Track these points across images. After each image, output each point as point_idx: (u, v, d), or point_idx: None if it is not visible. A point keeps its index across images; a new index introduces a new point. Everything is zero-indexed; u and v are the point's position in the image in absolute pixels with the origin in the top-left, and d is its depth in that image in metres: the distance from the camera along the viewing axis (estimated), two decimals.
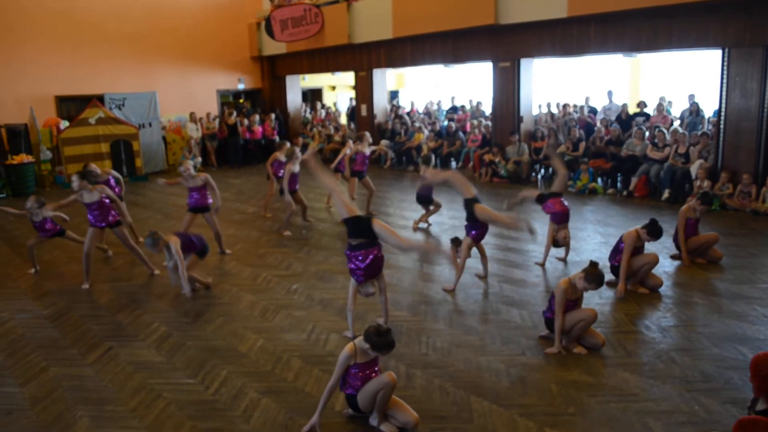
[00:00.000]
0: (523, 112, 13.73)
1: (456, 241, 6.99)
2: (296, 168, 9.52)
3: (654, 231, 6.39)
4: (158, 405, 4.47)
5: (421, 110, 19.29)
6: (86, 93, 16.12)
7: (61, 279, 7.64)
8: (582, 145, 12.72)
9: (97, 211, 7.31)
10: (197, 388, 4.73)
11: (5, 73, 15.18)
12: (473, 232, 6.70)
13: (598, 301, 6.21)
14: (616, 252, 6.71)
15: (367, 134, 10.71)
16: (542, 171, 13.91)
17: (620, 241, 6.64)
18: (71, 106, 16.49)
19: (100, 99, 15.49)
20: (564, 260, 7.64)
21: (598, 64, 18.13)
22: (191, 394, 4.62)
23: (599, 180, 12.20)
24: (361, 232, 5.09)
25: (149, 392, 4.67)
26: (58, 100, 16.31)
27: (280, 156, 10.49)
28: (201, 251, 6.87)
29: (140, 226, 9.85)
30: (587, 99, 15.32)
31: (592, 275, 5.04)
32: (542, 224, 8.00)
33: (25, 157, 14.05)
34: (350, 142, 10.95)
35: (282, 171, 10.31)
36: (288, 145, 10.57)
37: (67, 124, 15.13)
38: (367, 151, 10.47)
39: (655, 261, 6.48)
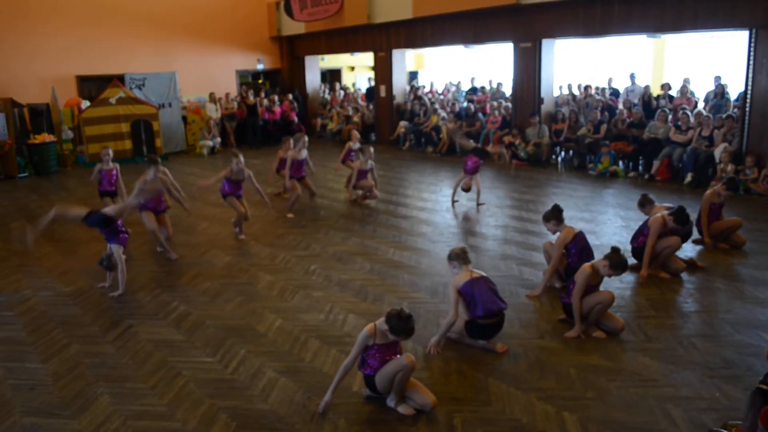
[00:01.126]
0: (543, 93, 13.56)
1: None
2: (302, 155, 9.61)
3: (681, 219, 6.28)
4: (177, 383, 4.51)
5: (440, 91, 19.15)
6: (107, 73, 16.20)
7: (82, 257, 7.71)
8: (603, 128, 12.55)
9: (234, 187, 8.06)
10: (216, 366, 4.76)
11: (27, 54, 15.29)
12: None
13: (618, 285, 6.15)
14: (639, 234, 6.63)
15: (305, 139, 9.94)
16: (563, 153, 13.77)
17: (644, 225, 6.55)
18: (92, 86, 16.59)
19: (121, 79, 15.55)
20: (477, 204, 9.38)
21: (621, 45, 17.83)
22: (210, 373, 4.65)
23: (620, 163, 12.05)
24: None
25: (169, 370, 4.72)
26: (80, 80, 16.43)
27: (353, 145, 10.79)
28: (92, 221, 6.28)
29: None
30: (610, 80, 15.10)
31: (617, 261, 4.99)
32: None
33: (47, 137, 14.18)
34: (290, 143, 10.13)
35: (352, 157, 10.74)
36: (291, 138, 10.32)
37: (88, 103, 15.22)
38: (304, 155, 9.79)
39: (677, 245, 6.39)
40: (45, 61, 15.59)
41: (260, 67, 20.12)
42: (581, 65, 18.72)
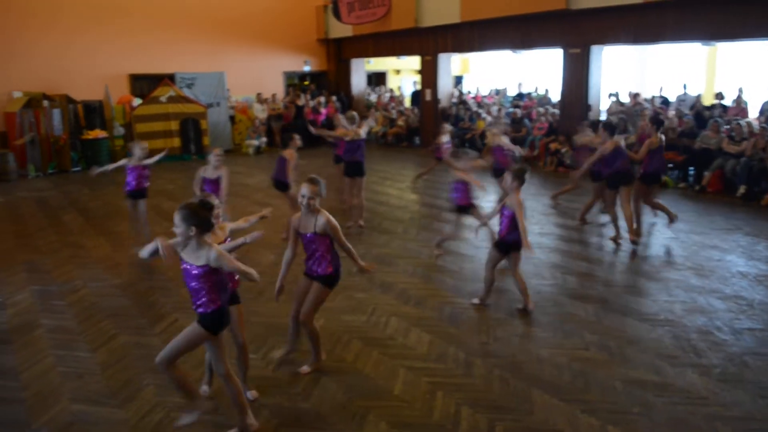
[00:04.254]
0: (591, 100, 13.35)
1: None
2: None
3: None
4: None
5: (485, 95, 19.04)
6: (158, 72, 16.59)
7: (131, 251, 7.88)
8: None
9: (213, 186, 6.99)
10: (258, 363, 4.81)
11: (84, 53, 15.76)
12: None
13: (666, 299, 6.00)
14: None
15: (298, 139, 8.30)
16: None
17: None
18: (144, 84, 16.99)
19: (171, 78, 15.92)
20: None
21: (672, 53, 17.46)
22: (252, 369, 4.68)
23: (670, 173, 11.77)
24: None
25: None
26: (132, 79, 16.84)
27: (443, 137, 10.60)
28: None
29: None
30: (660, 89, 14.79)
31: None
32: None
33: (99, 133, 14.59)
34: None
35: (443, 152, 10.33)
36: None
37: (139, 101, 15.60)
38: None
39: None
40: (100, 60, 16.04)
41: (307, 68, 20.32)
42: (630, 73, 18.41)
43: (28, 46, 14.93)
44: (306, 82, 21.29)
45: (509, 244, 5.66)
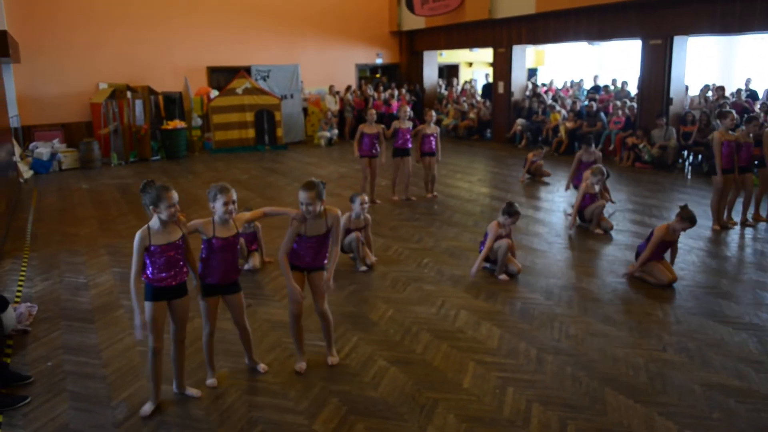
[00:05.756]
0: (673, 93, 12.85)
1: None
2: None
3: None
4: (291, 364, 4.64)
5: (560, 88, 18.61)
6: (235, 64, 17.01)
7: None
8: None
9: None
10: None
11: (165, 46, 16.34)
12: None
13: (751, 301, 5.72)
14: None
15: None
16: (690, 158, 12.99)
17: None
18: (221, 76, 17.47)
19: (247, 70, 16.29)
20: None
21: (760, 44, 16.58)
22: (322, 357, 4.75)
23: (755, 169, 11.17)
24: None
25: (283, 350, 4.87)
26: (210, 71, 17.34)
27: (583, 156, 9.44)
28: None
29: (279, 192, 10.26)
30: (747, 81, 14.07)
31: (686, 214, 6.00)
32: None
33: (178, 123, 15.09)
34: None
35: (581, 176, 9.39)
36: None
37: (216, 93, 16.04)
38: None
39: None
40: (180, 53, 16.60)
41: (379, 61, 20.38)
42: (713, 65, 17.61)
43: (113, 40, 15.60)
44: (378, 75, 21.37)
45: None
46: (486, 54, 21.32)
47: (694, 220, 6.10)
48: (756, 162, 8.58)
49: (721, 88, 13.72)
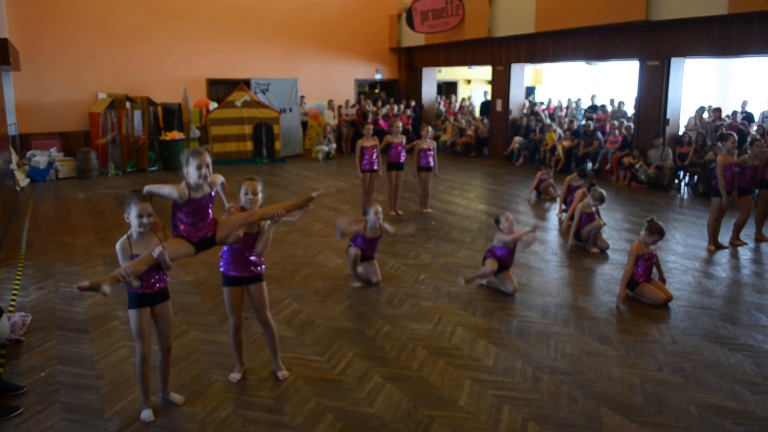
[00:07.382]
0: (670, 114, 12.92)
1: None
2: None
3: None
4: (287, 378, 4.62)
5: (556, 106, 18.71)
6: (234, 77, 17.07)
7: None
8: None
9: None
10: (324, 366, 4.84)
11: (164, 57, 16.41)
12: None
13: (747, 323, 5.73)
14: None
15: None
16: (686, 178, 13.05)
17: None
18: (220, 88, 17.53)
19: (247, 83, 16.35)
20: None
21: (756, 66, 16.73)
22: (318, 371, 4.74)
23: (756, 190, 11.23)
24: None
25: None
26: (209, 83, 17.39)
27: (573, 182, 9.81)
28: None
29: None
30: (744, 103, 14.18)
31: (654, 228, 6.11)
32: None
33: (176, 134, 15.11)
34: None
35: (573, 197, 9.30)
36: None
37: (215, 105, 16.08)
38: None
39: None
40: (180, 64, 16.66)
41: (378, 77, 20.49)
42: (710, 86, 17.75)
43: (113, 50, 15.66)
44: (376, 90, 21.47)
45: None
46: (484, 71, 21.46)
47: (663, 232, 6.16)
48: (758, 183, 8.62)
49: (718, 110, 13.82)
